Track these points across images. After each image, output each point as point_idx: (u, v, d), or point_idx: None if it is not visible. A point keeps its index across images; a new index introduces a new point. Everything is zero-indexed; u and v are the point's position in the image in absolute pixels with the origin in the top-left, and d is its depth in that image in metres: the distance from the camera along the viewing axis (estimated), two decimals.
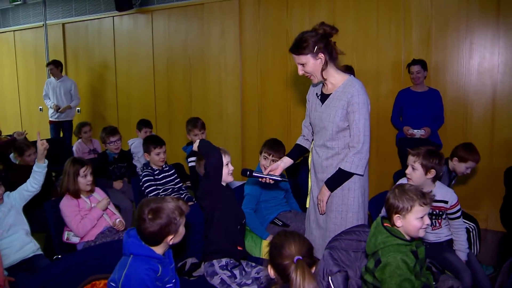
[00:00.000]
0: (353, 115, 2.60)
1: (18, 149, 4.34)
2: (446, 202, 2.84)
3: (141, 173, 3.96)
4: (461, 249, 2.86)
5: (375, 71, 5.16)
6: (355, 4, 5.18)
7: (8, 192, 3.12)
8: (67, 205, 3.24)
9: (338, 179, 2.70)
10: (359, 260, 2.43)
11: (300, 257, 1.69)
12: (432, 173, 2.77)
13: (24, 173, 3.24)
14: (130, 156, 5.00)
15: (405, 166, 2.97)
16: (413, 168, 2.82)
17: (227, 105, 6.11)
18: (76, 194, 3.29)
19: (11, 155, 4.52)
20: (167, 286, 2.14)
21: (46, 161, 3.22)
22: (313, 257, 1.77)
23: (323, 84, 2.79)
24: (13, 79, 8.75)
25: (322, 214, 2.82)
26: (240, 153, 6.08)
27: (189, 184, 4.55)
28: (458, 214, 2.87)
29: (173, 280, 2.19)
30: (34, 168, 3.18)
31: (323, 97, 2.78)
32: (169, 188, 3.96)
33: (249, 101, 6.00)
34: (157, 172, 3.94)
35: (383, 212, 2.90)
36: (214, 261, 2.69)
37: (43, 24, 7.90)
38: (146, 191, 3.78)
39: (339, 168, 2.66)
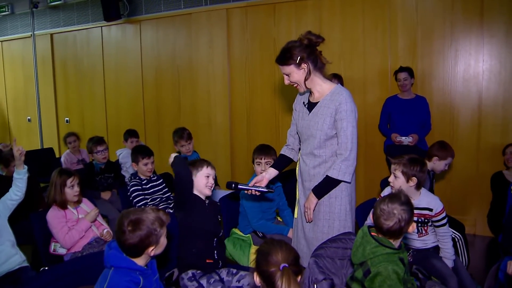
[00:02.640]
0: (341, 123, 2.62)
1: (4, 160, 4.30)
2: (430, 209, 2.86)
3: (129, 183, 3.95)
4: (447, 256, 2.87)
5: (362, 79, 5.19)
6: (341, 12, 5.23)
7: None
8: (54, 216, 3.21)
9: (325, 186, 2.69)
10: (345, 268, 2.43)
11: (286, 265, 1.69)
12: (414, 180, 2.80)
13: (11, 184, 3.21)
14: (118, 166, 4.98)
15: None
16: (395, 176, 2.85)
17: (216, 114, 6.12)
18: (63, 205, 3.27)
19: None
20: None
21: (26, 167, 3.15)
22: (299, 265, 1.77)
23: (310, 93, 2.82)
24: (1, 90, 8.70)
25: (309, 222, 2.80)
26: (229, 161, 6.08)
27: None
28: (444, 221, 2.88)
29: None
30: (14, 175, 3.11)
31: (310, 106, 2.80)
32: (157, 198, 3.95)
33: (237, 110, 6.01)
34: (145, 181, 3.93)
35: (369, 220, 2.92)
36: (183, 275, 2.72)
37: (31, 35, 7.88)
38: (134, 200, 3.76)
39: (326, 176, 2.66)
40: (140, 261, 2.06)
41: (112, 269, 2.01)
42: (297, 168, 2.95)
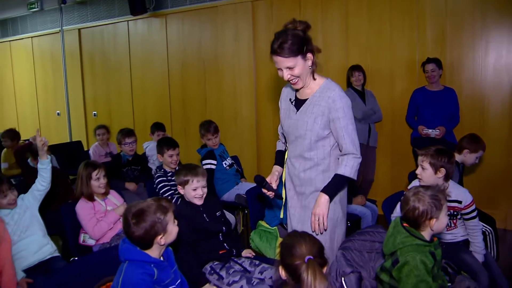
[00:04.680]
0: (338, 122, 2.38)
1: (33, 152, 4.41)
2: (460, 202, 2.80)
3: (155, 175, 3.99)
4: (477, 250, 2.81)
5: (389, 71, 5.12)
6: (368, 3, 5.15)
7: (22, 195, 3.17)
8: (82, 208, 3.28)
9: (338, 186, 2.44)
10: (373, 261, 2.41)
11: (311, 257, 1.68)
12: (442, 172, 2.74)
13: None
14: (145, 159, 5.03)
15: None
16: (423, 168, 2.80)
17: (242, 108, 6.12)
18: (90, 197, 3.33)
19: (29, 160, 4.59)
20: (171, 287, 2.14)
21: (49, 157, 3.23)
22: (324, 257, 1.77)
23: (297, 89, 2.53)
24: (32, 84, 8.89)
25: (321, 233, 2.43)
26: (255, 154, 6.08)
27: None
28: (473, 214, 2.82)
29: (178, 281, 2.19)
30: (38, 165, 3.20)
31: (298, 103, 2.53)
32: None
33: (263, 103, 6.00)
34: (170, 174, 3.97)
35: (395, 212, 2.89)
36: (202, 270, 2.74)
37: (60, 30, 8.02)
38: (161, 192, 3.80)
39: (337, 174, 2.40)
40: (154, 252, 2.08)
41: (127, 263, 2.05)
42: (284, 172, 2.70)
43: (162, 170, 3.98)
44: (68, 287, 2.34)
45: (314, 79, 2.46)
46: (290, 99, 2.58)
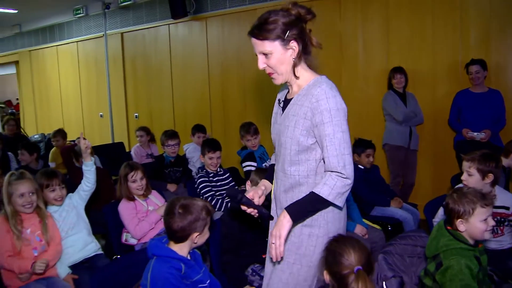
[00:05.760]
0: (323, 128, 1.85)
1: (76, 154, 4.55)
2: (507, 208, 2.72)
3: (196, 176, 4.04)
4: None
5: (431, 73, 5.01)
6: (409, 4, 5.06)
7: (70, 194, 3.28)
8: (124, 208, 3.36)
9: (307, 205, 1.88)
10: (414, 266, 2.37)
11: (361, 267, 1.64)
12: (490, 177, 2.66)
13: None
14: (185, 160, 5.11)
15: None
16: (469, 174, 2.71)
17: None
18: (129, 198, 3.40)
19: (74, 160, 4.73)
20: (200, 286, 2.18)
21: (93, 159, 3.34)
22: (372, 264, 1.73)
23: (289, 88, 2.11)
24: (76, 87, 9.16)
25: (277, 262, 1.99)
26: None
27: (244, 188, 4.59)
28: None
29: (207, 281, 2.22)
30: (83, 167, 3.31)
31: (285, 104, 2.08)
32: (224, 191, 4.02)
33: None
34: (211, 175, 4.01)
35: (437, 216, 2.83)
36: (246, 272, 2.79)
37: (104, 34, 8.23)
38: (202, 192, 3.84)
39: (312, 193, 1.85)
40: (183, 249, 2.14)
41: (154, 258, 2.10)
42: (272, 188, 2.21)
43: (204, 171, 4.03)
44: (111, 283, 2.41)
45: (297, 77, 1.99)
46: (279, 100, 2.16)
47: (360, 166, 4.11)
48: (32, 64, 10.17)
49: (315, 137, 1.91)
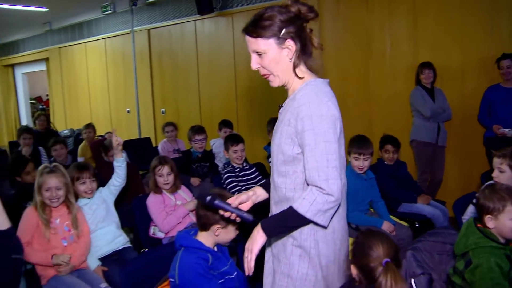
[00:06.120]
0: (303, 137, 1.68)
1: (105, 148, 4.63)
2: None
3: (222, 171, 4.08)
4: None
5: (459, 68, 4.92)
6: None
7: (100, 188, 3.35)
8: (153, 201, 3.41)
9: (282, 221, 1.72)
10: (444, 264, 2.34)
11: (389, 260, 1.64)
12: None
13: (112, 169, 3.46)
14: (212, 155, 5.15)
15: None
16: (500, 171, 2.66)
17: None
18: (157, 191, 3.45)
19: (102, 154, 4.83)
20: (227, 277, 2.21)
21: (124, 155, 3.40)
22: (400, 258, 1.72)
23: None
24: (104, 83, 9.30)
25: (249, 276, 1.81)
26: None
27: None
28: None
29: (234, 273, 2.26)
30: (114, 163, 3.38)
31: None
32: (250, 186, 4.03)
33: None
34: (237, 169, 4.03)
35: (466, 214, 2.78)
36: None
37: (131, 31, 8.32)
38: (228, 187, 3.87)
39: (291, 207, 1.69)
40: (207, 240, 2.19)
41: (182, 250, 2.15)
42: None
43: (230, 166, 4.06)
44: (140, 276, 2.46)
45: (300, 77, 1.80)
46: (280, 106, 1.94)
47: (386, 162, 4.09)
48: (62, 60, 10.38)
49: (299, 146, 1.73)
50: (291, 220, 1.69)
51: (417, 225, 3.72)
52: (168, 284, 2.30)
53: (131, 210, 3.52)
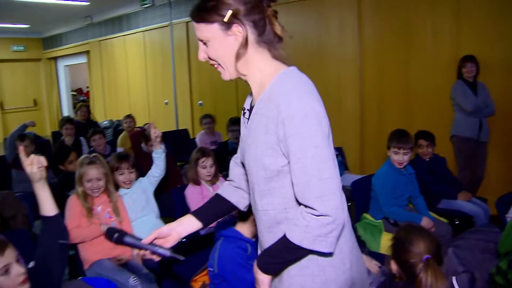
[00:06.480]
0: (287, 144, 1.35)
1: (146, 138, 4.73)
2: None
3: None
4: None
5: (504, 62, 4.71)
6: None
7: (140, 178, 3.43)
8: (191, 192, 3.46)
9: (278, 256, 1.43)
10: (486, 262, 2.29)
11: (430, 256, 1.62)
12: None
13: (151, 160, 3.54)
14: None
15: None
16: None
17: (346, 98, 6.04)
18: (196, 182, 3.49)
19: (142, 144, 4.92)
20: None
21: (162, 147, 3.47)
22: (441, 255, 1.69)
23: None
24: (143, 76, 9.45)
25: None
26: (359, 146, 5.99)
27: None
28: None
29: None
30: (153, 155, 3.47)
31: (250, 114, 1.57)
32: None
33: (368, 94, 5.86)
34: None
35: (510, 212, 2.71)
36: None
37: (169, 24, 8.42)
38: None
39: (284, 236, 1.39)
40: (246, 230, 2.23)
41: (222, 239, 2.19)
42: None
43: None
44: (178, 265, 2.52)
45: (262, 70, 1.52)
46: (244, 109, 1.64)
47: (424, 158, 4.04)
48: (102, 53, 10.61)
49: (285, 156, 1.39)
50: (288, 253, 1.39)
51: (456, 222, 3.65)
52: (207, 273, 2.34)
53: (170, 200, 3.57)
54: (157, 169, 3.44)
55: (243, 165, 1.62)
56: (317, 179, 1.31)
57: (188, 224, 1.69)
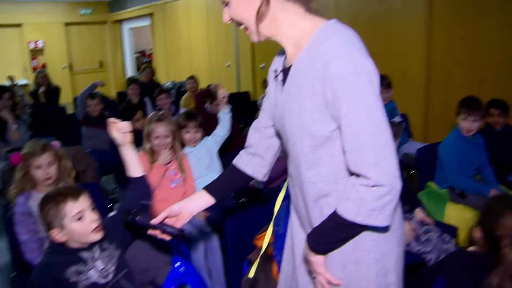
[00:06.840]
0: (337, 106, 1.22)
1: (212, 96, 4.79)
2: None
3: None
4: None
5: None
6: None
7: (206, 137, 3.52)
8: None
9: (330, 235, 1.31)
10: None
11: None
12: None
13: (215, 120, 3.61)
14: None
15: None
16: None
17: (411, 64, 5.81)
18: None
19: (206, 104, 4.99)
20: None
21: (228, 107, 3.52)
22: None
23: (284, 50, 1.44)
24: (205, 38, 9.49)
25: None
26: (423, 112, 5.80)
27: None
28: None
29: None
30: (219, 114, 3.58)
31: (285, 76, 1.41)
32: None
33: (435, 59, 5.61)
34: None
35: None
36: None
37: None
38: None
39: (334, 212, 1.28)
40: None
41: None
42: (284, 189, 1.73)
43: None
44: (240, 224, 2.58)
45: (296, 26, 1.37)
46: (275, 71, 1.49)
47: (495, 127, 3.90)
48: (165, 16, 10.72)
49: (335, 121, 1.26)
50: (341, 230, 1.28)
51: None
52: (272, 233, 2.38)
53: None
54: (223, 129, 3.52)
55: (276, 133, 1.56)
56: (371, 144, 1.19)
57: (199, 201, 1.65)
